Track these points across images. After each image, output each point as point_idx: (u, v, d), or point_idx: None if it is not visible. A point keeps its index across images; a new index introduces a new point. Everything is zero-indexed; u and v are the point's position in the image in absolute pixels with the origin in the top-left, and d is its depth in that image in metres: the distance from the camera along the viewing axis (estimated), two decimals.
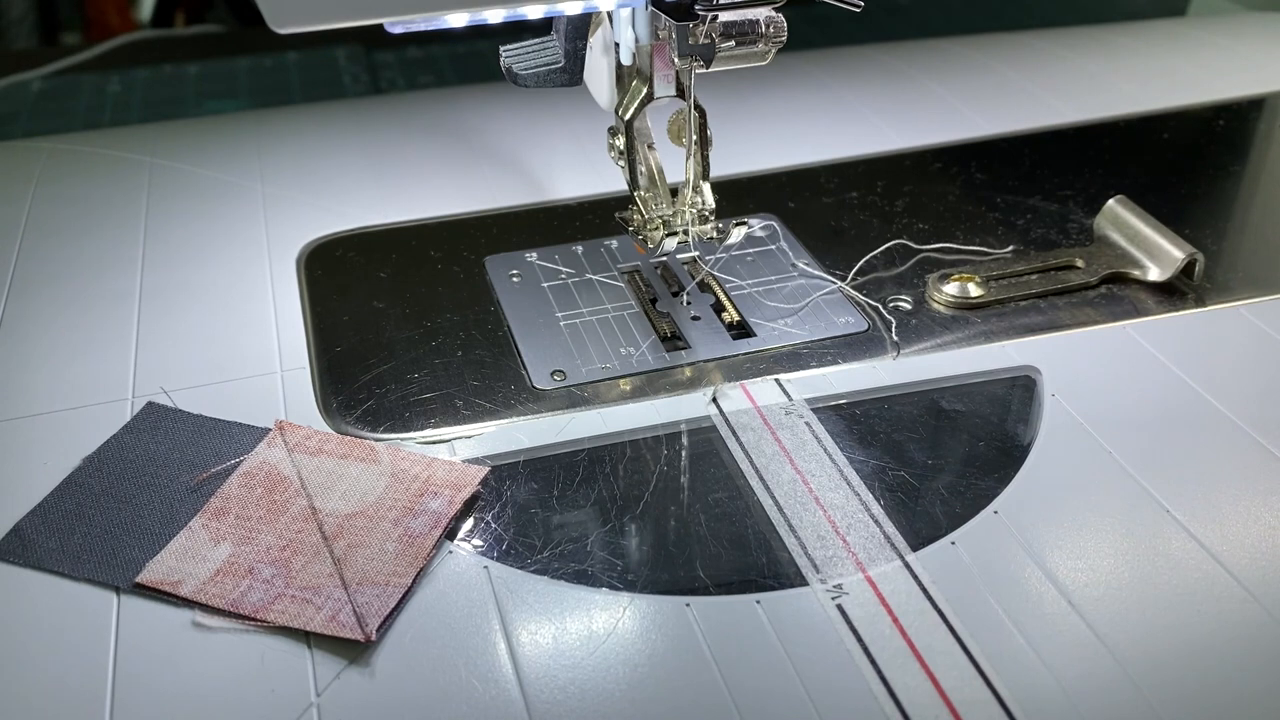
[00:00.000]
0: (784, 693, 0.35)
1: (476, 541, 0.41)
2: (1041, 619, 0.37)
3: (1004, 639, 0.37)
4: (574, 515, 0.42)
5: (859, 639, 0.37)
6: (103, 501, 0.42)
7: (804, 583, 0.39)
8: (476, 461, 0.44)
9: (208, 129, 0.74)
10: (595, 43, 0.50)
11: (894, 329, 0.52)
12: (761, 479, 0.43)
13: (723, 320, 0.53)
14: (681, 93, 0.49)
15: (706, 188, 0.50)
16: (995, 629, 0.37)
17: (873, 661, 0.36)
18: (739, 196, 0.63)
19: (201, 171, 0.66)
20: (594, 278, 0.56)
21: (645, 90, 0.49)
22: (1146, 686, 0.35)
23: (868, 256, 0.57)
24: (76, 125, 0.79)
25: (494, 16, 0.43)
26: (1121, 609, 0.38)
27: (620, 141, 0.51)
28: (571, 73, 0.51)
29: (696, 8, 0.44)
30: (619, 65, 0.49)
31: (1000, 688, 0.35)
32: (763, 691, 0.35)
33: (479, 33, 0.74)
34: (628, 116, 0.50)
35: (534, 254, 0.58)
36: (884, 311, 0.53)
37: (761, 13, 0.45)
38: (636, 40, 0.47)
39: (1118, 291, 0.54)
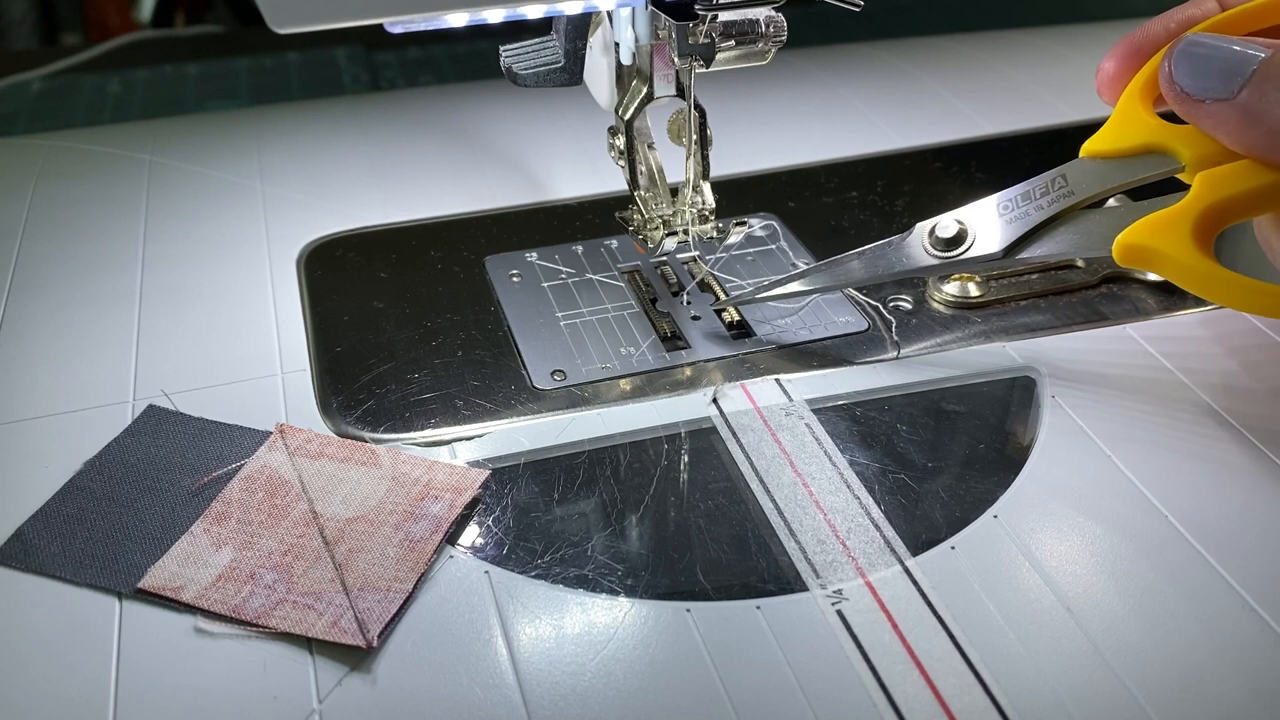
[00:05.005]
0: (784, 700, 0.35)
1: (477, 546, 0.41)
2: (1040, 626, 0.37)
3: (1003, 646, 0.37)
4: (574, 519, 0.42)
5: (859, 645, 0.37)
6: (104, 506, 0.42)
7: (804, 588, 0.39)
8: (477, 464, 0.44)
9: (207, 126, 0.74)
10: (595, 42, 0.50)
11: (894, 329, 0.52)
12: (762, 481, 0.43)
13: (723, 320, 0.53)
14: (681, 92, 0.49)
15: (706, 187, 0.50)
16: (995, 636, 0.37)
17: (872, 669, 0.36)
18: (739, 196, 0.63)
19: (201, 170, 0.66)
20: (594, 278, 0.56)
21: (645, 90, 0.49)
22: (1144, 695, 0.35)
23: None
24: (77, 125, 0.79)
25: (494, 16, 0.43)
26: (1120, 616, 0.38)
27: (620, 141, 0.51)
28: (571, 73, 0.51)
29: (696, 7, 0.44)
30: (619, 65, 0.49)
31: (999, 696, 0.35)
32: (763, 698, 0.35)
33: (479, 33, 0.74)
34: (628, 116, 0.50)
35: (534, 254, 0.58)
36: (884, 311, 0.53)
37: (761, 12, 0.45)
38: (636, 40, 0.47)
39: (1118, 291, 0.54)
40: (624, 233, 0.55)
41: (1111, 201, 0.44)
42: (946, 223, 0.45)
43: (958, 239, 0.45)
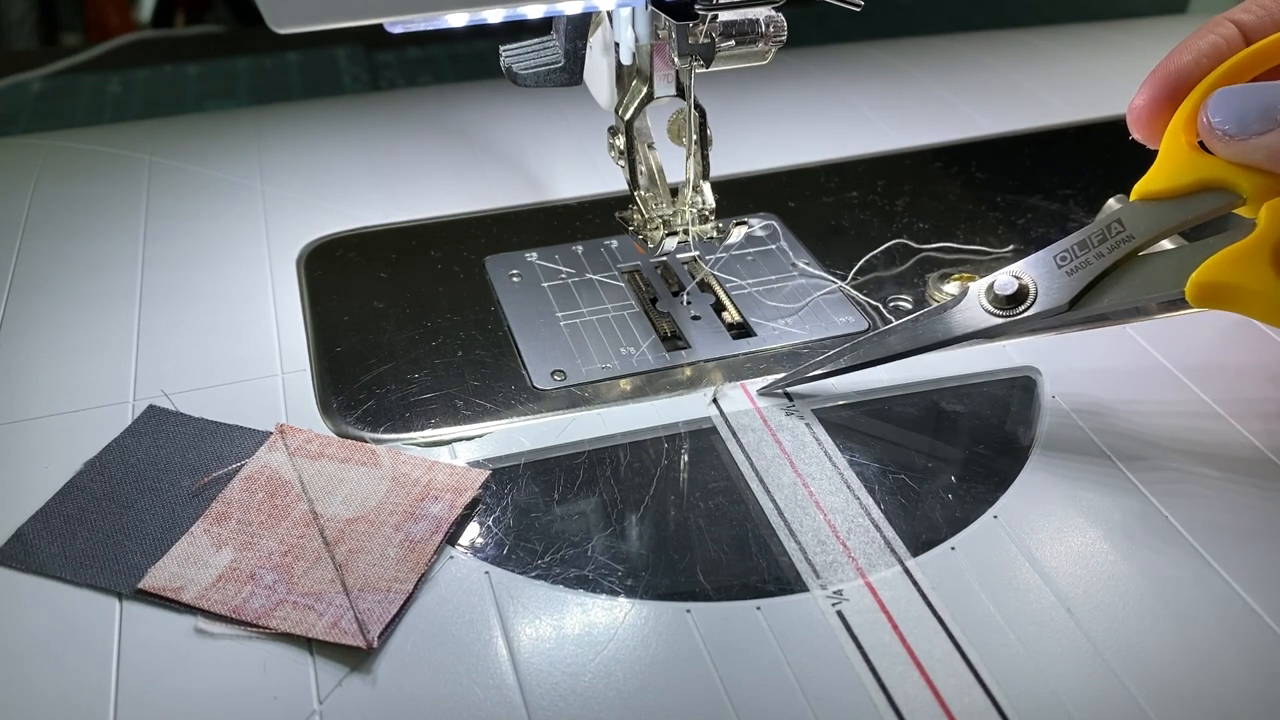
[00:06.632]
0: (784, 700, 0.35)
1: (477, 546, 0.41)
2: (1040, 626, 0.37)
3: (1003, 646, 0.37)
4: (574, 519, 0.42)
5: (859, 646, 0.37)
6: (105, 506, 0.42)
7: (804, 588, 0.39)
8: (477, 464, 0.44)
9: (207, 126, 0.74)
10: (595, 42, 0.50)
11: None
12: (762, 482, 0.43)
13: (723, 320, 0.53)
14: (681, 92, 0.49)
15: (706, 187, 0.50)
16: (995, 636, 0.37)
17: (873, 669, 0.36)
18: (739, 196, 0.63)
19: (201, 170, 0.66)
20: (594, 278, 0.56)
21: (645, 90, 0.49)
22: (1144, 695, 0.35)
23: (868, 256, 0.57)
24: (77, 125, 0.79)
25: (494, 16, 0.42)
26: (1120, 616, 0.38)
27: (620, 141, 0.51)
28: (571, 72, 0.51)
29: (696, 7, 0.44)
30: (619, 65, 0.49)
31: (999, 696, 0.35)
32: (763, 698, 0.35)
33: (479, 33, 0.74)
34: (628, 116, 0.50)
35: (534, 254, 0.58)
36: (884, 311, 0.53)
37: (761, 12, 0.45)
38: (636, 40, 0.47)
39: None
40: (624, 233, 0.55)
41: (1166, 243, 0.43)
42: (1005, 280, 0.44)
43: (1019, 296, 0.44)
